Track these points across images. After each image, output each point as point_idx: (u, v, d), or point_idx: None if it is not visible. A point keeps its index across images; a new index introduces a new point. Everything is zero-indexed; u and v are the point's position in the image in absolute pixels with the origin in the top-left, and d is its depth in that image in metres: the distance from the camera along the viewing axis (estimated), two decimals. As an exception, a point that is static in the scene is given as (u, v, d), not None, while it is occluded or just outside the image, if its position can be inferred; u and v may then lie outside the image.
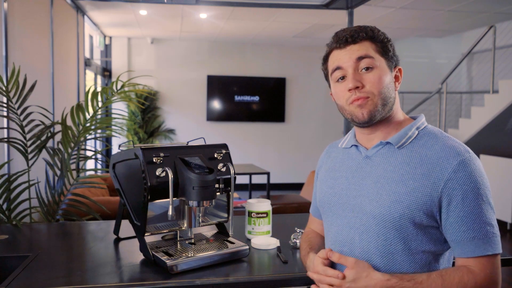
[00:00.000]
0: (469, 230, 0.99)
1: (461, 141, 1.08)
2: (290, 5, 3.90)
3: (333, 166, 1.23)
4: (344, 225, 1.13)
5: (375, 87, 1.07)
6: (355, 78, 1.07)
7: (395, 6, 4.84)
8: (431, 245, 1.04)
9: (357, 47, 1.09)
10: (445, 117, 5.67)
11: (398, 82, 1.13)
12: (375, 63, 1.08)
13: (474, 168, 1.01)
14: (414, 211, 1.01)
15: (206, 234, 1.64)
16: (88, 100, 2.76)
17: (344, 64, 1.10)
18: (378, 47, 1.10)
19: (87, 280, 1.30)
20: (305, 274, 1.22)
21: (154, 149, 1.42)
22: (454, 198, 0.99)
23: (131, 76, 6.72)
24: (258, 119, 7.61)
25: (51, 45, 3.85)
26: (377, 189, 1.07)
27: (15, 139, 2.44)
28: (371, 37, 1.10)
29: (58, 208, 2.58)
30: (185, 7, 4.92)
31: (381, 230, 1.05)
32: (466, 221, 0.99)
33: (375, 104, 1.07)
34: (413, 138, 1.08)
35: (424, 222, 1.02)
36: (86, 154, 3.15)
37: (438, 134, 1.09)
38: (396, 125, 1.12)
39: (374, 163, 1.11)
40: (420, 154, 1.05)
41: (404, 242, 1.03)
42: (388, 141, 1.10)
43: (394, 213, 1.03)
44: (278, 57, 7.61)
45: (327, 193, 1.20)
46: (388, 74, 1.10)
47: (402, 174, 1.04)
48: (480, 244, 0.99)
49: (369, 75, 1.07)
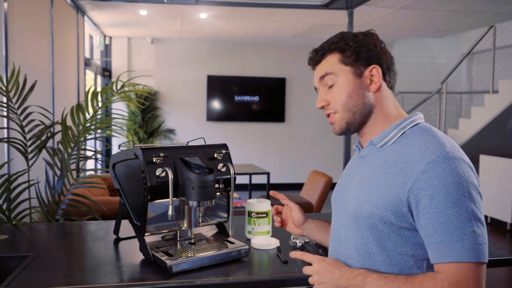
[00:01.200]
0: (436, 233, 0.93)
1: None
2: (290, 5, 3.90)
3: (347, 166, 1.28)
4: (337, 222, 1.17)
5: (337, 102, 1.11)
6: (320, 98, 1.14)
7: (395, 6, 4.84)
8: (408, 247, 1.01)
9: (321, 67, 1.14)
10: (445, 117, 5.66)
11: (374, 82, 1.10)
12: (336, 77, 1.11)
13: (446, 168, 0.94)
14: (381, 210, 1.00)
15: (206, 234, 1.64)
16: (88, 100, 2.76)
17: (315, 84, 1.17)
18: (340, 56, 1.10)
19: (87, 280, 1.30)
20: (305, 274, 1.22)
21: (154, 149, 1.42)
22: (422, 200, 0.95)
23: (131, 76, 6.72)
24: (258, 119, 7.61)
25: (51, 45, 3.85)
26: (357, 188, 1.10)
27: (15, 139, 2.44)
28: (334, 49, 1.11)
29: (58, 208, 2.58)
30: (185, 7, 4.92)
31: (358, 228, 1.07)
32: (433, 224, 0.94)
33: (342, 118, 1.11)
34: (398, 137, 1.07)
35: (393, 222, 1.00)
36: (86, 154, 3.15)
37: (425, 132, 1.04)
38: (385, 124, 1.11)
39: (365, 162, 1.13)
40: (398, 153, 1.03)
41: (377, 241, 1.03)
42: (371, 141, 1.12)
43: (364, 211, 1.04)
44: (278, 57, 7.61)
45: (334, 192, 1.25)
46: (353, 81, 1.09)
47: (377, 173, 1.05)
48: (446, 250, 0.92)
49: (331, 92, 1.12)
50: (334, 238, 1.18)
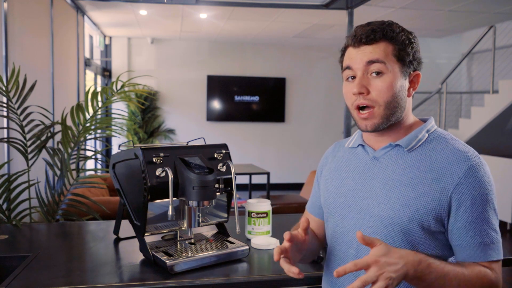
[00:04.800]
0: (476, 235, 1.00)
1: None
2: (290, 5, 3.90)
3: (339, 165, 1.20)
4: (351, 227, 1.10)
5: (381, 96, 1.03)
6: (361, 83, 1.04)
7: (395, 6, 4.84)
8: (438, 250, 1.03)
9: (371, 49, 1.04)
10: (445, 117, 5.65)
11: (413, 88, 1.09)
12: (386, 68, 1.03)
13: (483, 174, 1.01)
14: (423, 216, 1.00)
15: (206, 234, 1.64)
16: (88, 100, 2.76)
17: (354, 65, 1.06)
18: (395, 50, 1.04)
19: (87, 280, 1.30)
20: (305, 274, 1.22)
21: (154, 149, 1.42)
22: (463, 203, 0.99)
23: (131, 76, 6.72)
24: (258, 119, 7.61)
25: (51, 45, 3.85)
26: (386, 192, 1.05)
27: (15, 139, 2.44)
28: (390, 38, 1.04)
29: (58, 208, 2.58)
30: (185, 7, 4.92)
31: (388, 233, 1.03)
32: (474, 226, 1.00)
33: (380, 116, 1.05)
34: (423, 141, 1.07)
35: (432, 227, 1.01)
36: (86, 154, 3.15)
37: (448, 137, 1.08)
38: (406, 128, 1.10)
39: (382, 164, 1.09)
40: (430, 158, 1.04)
41: (411, 246, 1.02)
42: (397, 143, 1.08)
43: (403, 216, 1.02)
44: (278, 57, 7.61)
45: (332, 193, 1.17)
46: (400, 81, 1.05)
47: (411, 178, 1.03)
48: (486, 250, 1.00)
49: (377, 81, 1.03)
50: (347, 243, 1.10)
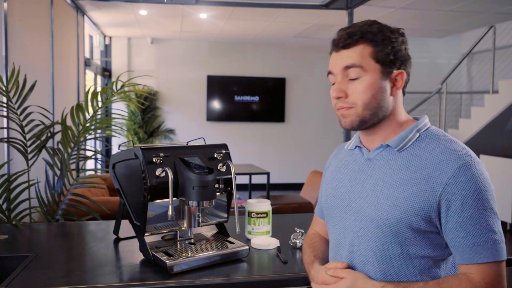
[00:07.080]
0: (468, 236, 0.97)
1: (462, 142, 1.05)
2: (290, 5, 3.90)
3: (339, 167, 1.21)
4: (345, 228, 1.11)
5: (359, 98, 1.04)
6: (340, 88, 1.06)
7: (395, 6, 4.84)
8: (429, 250, 1.02)
9: (348, 54, 1.04)
10: (445, 117, 5.65)
11: (397, 87, 1.07)
12: (363, 71, 1.03)
13: (475, 173, 0.98)
14: (411, 216, 0.99)
15: (206, 234, 1.64)
16: (88, 100, 2.76)
17: (334, 69, 1.08)
18: (374, 51, 1.03)
19: (87, 280, 1.30)
20: (305, 274, 1.22)
21: (154, 149, 1.42)
22: (453, 203, 0.97)
23: (131, 76, 6.72)
24: (258, 119, 7.61)
25: (51, 45, 3.85)
26: (376, 193, 1.05)
27: (15, 139, 2.44)
28: (369, 39, 1.03)
29: (58, 208, 2.58)
30: (185, 7, 4.92)
31: (378, 234, 1.03)
32: (465, 227, 0.97)
33: (358, 114, 1.05)
34: (414, 141, 1.06)
35: (422, 227, 1.00)
36: (86, 154, 3.15)
37: (440, 136, 1.06)
38: (397, 127, 1.09)
39: (375, 165, 1.09)
40: (420, 158, 1.02)
41: (401, 246, 1.02)
42: (388, 144, 1.08)
43: (391, 218, 1.01)
44: (278, 57, 7.61)
45: (331, 195, 1.19)
46: (379, 82, 1.04)
47: (401, 178, 1.02)
48: (480, 251, 0.96)
49: (354, 85, 1.04)
50: (342, 245, 1.12)
